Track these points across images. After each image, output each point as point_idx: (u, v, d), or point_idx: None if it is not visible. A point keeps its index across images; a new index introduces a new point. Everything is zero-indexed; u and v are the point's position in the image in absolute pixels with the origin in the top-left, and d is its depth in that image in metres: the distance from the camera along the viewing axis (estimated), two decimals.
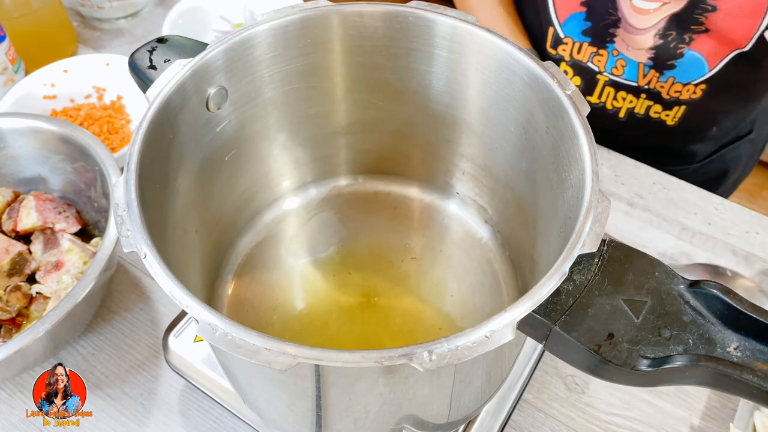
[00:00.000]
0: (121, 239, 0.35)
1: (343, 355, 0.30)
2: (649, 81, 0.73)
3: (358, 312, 0.53)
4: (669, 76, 0.71)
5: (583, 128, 0.38)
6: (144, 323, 0.60)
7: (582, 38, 0.73)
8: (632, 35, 0.69)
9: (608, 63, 0.73)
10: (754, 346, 0.33)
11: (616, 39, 0.71)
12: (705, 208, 0.70)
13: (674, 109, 0.75)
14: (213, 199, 0.51)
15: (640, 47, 0.70)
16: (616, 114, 0.77)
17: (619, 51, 0.72)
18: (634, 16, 0.68)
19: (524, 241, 0.51)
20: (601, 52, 0.73)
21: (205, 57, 0.43)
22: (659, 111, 0.75)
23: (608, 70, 0.74)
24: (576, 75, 0.78)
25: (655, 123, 0.76)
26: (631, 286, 0.34)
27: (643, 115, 0.76)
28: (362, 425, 0.41)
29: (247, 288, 0.54)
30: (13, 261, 0.57)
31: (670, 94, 0.73)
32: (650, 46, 0.69)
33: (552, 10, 0.72)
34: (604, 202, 0.36)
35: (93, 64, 0.79)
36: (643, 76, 0.73)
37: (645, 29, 0.68)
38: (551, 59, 0.77)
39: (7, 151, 0.61)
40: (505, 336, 0.31)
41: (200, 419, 0.54)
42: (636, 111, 0.76)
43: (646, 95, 0.74)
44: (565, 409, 0.55)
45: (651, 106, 0.75)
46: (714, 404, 0.55)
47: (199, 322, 0.31)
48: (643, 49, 0.70)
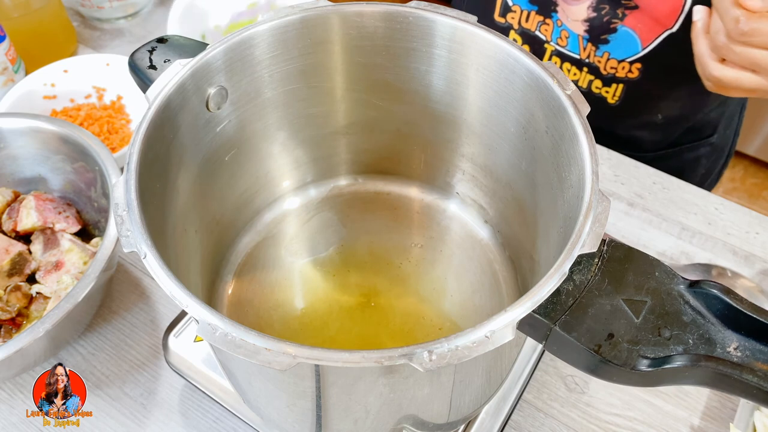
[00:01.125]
0: (121, 239, 0.35)
1: (343, 355, 0.30)
2: (588, 54, 0.74)
3: (358, 312, 0.53)
4: (604, 51, 0.72)
5: (583, 128, 0.38)
6: (144, 323, 0.60)
7: (529, 6, 0.74)
8: (569, 5, 0.71)
9: (554, 33, 0.75)
10: (754, 346, 0.33)
11: (558, 9, 0.73)
12: (705, 208, 0.70)
13: (613, 86, 0.75)
14: (213, 199, 0.51)
15: (576, 18, 0.71)
16: None
17: (562, 21, 0.72)
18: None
19: (524, 241, 0.51)
20: (547, 21, 0.74)
21: (205, 57, 0.43)
22: (600, 87, 0.76)
23: (554, 41, 0.75)
24: (524, 44, 0.79)
25: (597, 99, 0.77)
26: (631, 286, 0.35)
27: (585, 89, 0.77)
28: (362, 425, 0.41)
29: (247, 288, 0.54)
30: (13, 261, 0.57)
31: (606, 69, 0.74)
32: (584, 18, 0.70)
33: None
34: (604, 202, 0.36)
35: (93, 64, 0.79)
36: (583, 48, 0.73)
37: (580, 0, 0.69)
38: (499, 29, 0.77)
39: (7, 151, 0.61)
40: (505, 336, 0.31)
41: (200, 419, 0.54)
42: (580, 84, 0.77)
43: (588, 69, 0.75)
44: (565, 409, 0.55)
45: (592, 81, 0.76)
46: (714, 404, 0.55)
47: (199, 322, 0.31)
48: (579, 21, 0.71)
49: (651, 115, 0.79)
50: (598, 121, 0.78)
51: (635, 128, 0.81)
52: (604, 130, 0.80)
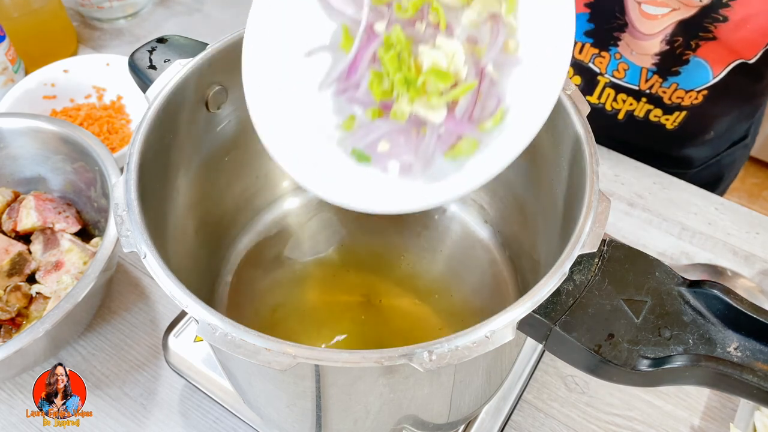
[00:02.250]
0: (121, 239, 0.35)
1: (343, 355, 0.30)
2: (651, 86, 0.72)
3: (358, 312, 0.53)
4: (672, 82, 0.71)
5: (583, 128, 0.38)
6: (144, 323, 0.60)
7: (584, 39, 0.72)
8: (638, 41, 0.69)
9: (610, 65, 0.73)
10: (754, 346, 0.33)
11: (620, 43, 0.71)
12: (705, 208, 0.70)
13: (675, 114, 0.74)
14: (213, 198, 0.51)
15: (645, 53, 0.69)
16: (615, 115, 0.77)
17: (622, 54, 0.71)
18: (642, 21, 0.67)
19: (524, 241, 0.51)
20: (603, 54, 0.72)
21: (205, 57, 0.43)
22: (659, 115, 0.75)
23: (609, 72, 0.74)
24: (576, 74, 0.78)
25: (654, 126, 0.76)
26: (631, 286, 0.34)
27: (642, 118, 0.76)
28: (362, 425, 0.41)
29: (247, 288, 0.54)
30: (13, 261, 0.57)
31: (672, 99, 0.73)
32: (656, 52, 0.69)
33: None
34: (604, 202, 0.36)
35: (93, 64, 0.79)
36: (646, 80, 0.72)
37: (652, 35, 0.68)
38: None
39: (7, 151, 0.61)
40: (505, 336, 0.31)
41: (200, 419, 0.54)
42: (636, 114, 0.76)
43: (647, 99, 0.74)
44: (565, 409, 0.55)
45: (651, 110, 0.75)
46: (714, 404, 0.55)
47: (199, 322, 0.31)
48: (649, 55, 0.70)
49: (705, 134, 0.78)
50: (652, 144, 0.78)
51: (687, 147, 0.80)
52: (655, 151, 0.79)
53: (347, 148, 0.39)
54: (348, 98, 0.40)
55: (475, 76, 0.37)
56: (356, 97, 0.40)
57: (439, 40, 0.38)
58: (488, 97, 0.37)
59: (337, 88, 0.40)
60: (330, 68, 0.41)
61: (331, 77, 0.40)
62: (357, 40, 0.39)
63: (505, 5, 0.37)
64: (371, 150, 0.39)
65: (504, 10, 0.37)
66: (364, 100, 0.39)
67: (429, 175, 0.38)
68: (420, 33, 0.38)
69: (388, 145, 0.38)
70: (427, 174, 0.38)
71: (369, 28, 0.39)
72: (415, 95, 0.37)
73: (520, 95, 0.37)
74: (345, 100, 0.40)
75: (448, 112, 0.37)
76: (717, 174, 0.86)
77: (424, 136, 0.38)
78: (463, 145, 0.37)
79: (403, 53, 0.37)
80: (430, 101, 0.37)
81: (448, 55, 0.37)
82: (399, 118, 0.38)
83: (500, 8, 0.37)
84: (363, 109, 0.40)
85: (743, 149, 0.86)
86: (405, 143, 0.38)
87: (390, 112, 0.38)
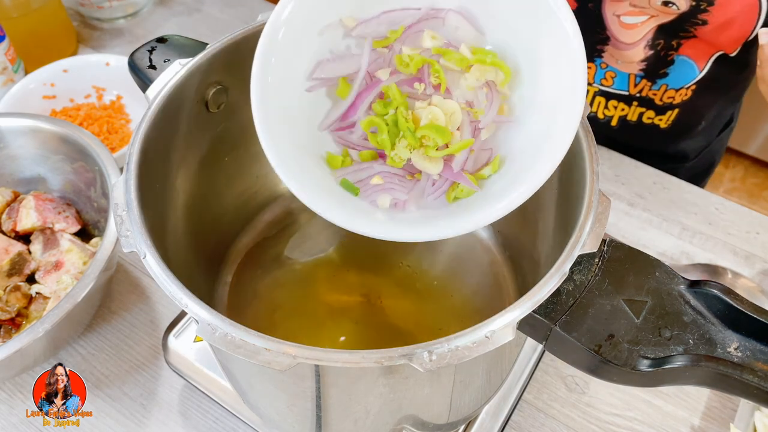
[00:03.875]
0: (121, 239, 0.35)
1: (343, 355, 0.30)
2: (641, 89, 0.73)
3: (358, 312, 0.53)
4: (662, 83, 0.71)
5: (583, 128, 0.38)
6: (144, 323, 0.60)
7: None
8: (622, 51, 0.69)
9: (597, 75, 0.73)
10: (754, 346, 0.33)
11: (605, 54, 0.71)
12: (705, 208, 0.70)
13: (667, 113, 0.75)
14: (213, 198, 0.51)
15: (630, 61, 0.70)
16: (608, 122, 0.77)
17: (608, 64, 0.72)
18: (622, 32, 0.67)
19: (524, 242, 0.51)
20: (588, 65, 0.72)
21: (205, 57, 0.43)
22: (652, 116, 0.75)
23: (597, 82, 0.74)
24: None
25: (648, 128, 0.77)
26: (631, 286, 0.34)
27: (635, 121, 0.76)
28: (362, 425, 0.41)
29: (247, 288, 0.54)
30: (12, 261, 0.57)
31: (663, 100, 0.73)
32: (641, 59, 0.69)
33: None
34: (604, 202, 0.36)
35: (93, 64, 0.79)
36: (635, 85, 0.73)
37: (634, 43, 0.68)
38: None
39: (7, 151, 0.61)
40: (505, 336, 0.31)
41: (200, 419, 0.54)
42: (628, 119, 0.76)
43: (638, 103, 0.74)
44: (566, 409, 0.55)
45: (644, 113, 0.75)
46: (714, 404, 0.55)
47: (199, 322, 0.31)
48: (634, 62, 0.70)
49: (697, 126, 0.79)
50: (647, 144, 0.78)
51: (682, 142, 0.81)
52: (651, 150, 0.80)
53: (338, 178, 0.41)
54: (343, 140, 0.42)
55: (470, 133, 0.40)
56: (351, 141, 0.42)
57: (436, 99, 0.40)
58: (480, 152, 0.40)
59: (335, 127, 0.42)
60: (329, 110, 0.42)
61: (330, 119, 0.42)
62: (356, 85, 0.41)
63: (501, 76, 0.40)
64: (362, 183, 0.41)
65: (499, 81, 0.40)
66: (359, 143, 0.42)
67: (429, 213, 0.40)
68: (418, 93, 0.41)
69: (382, 180, 0.41)
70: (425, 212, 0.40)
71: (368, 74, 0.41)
72: (414, 144, 0.39)
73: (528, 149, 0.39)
74: (339, 139, 0.42)
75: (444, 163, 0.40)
76: (710, 161, 0.87)
77: (417, 180, 0.41)
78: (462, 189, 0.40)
79: (401, 108, 0.40)
80: (428, 154, 0.40)
81: (447, 113, 0.40)
82: (396, 164, 0.40)
83: (495, 77, 0.40)
84: (357, 151, 0.42)
85: (729, 132, 0.88)
86: (399, 183, 0.41)
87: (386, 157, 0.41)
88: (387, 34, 0.41)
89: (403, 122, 0.39)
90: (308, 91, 0.41)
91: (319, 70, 0.41)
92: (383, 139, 0.40)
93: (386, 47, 0.42)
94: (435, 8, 0.41)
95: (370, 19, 0.41)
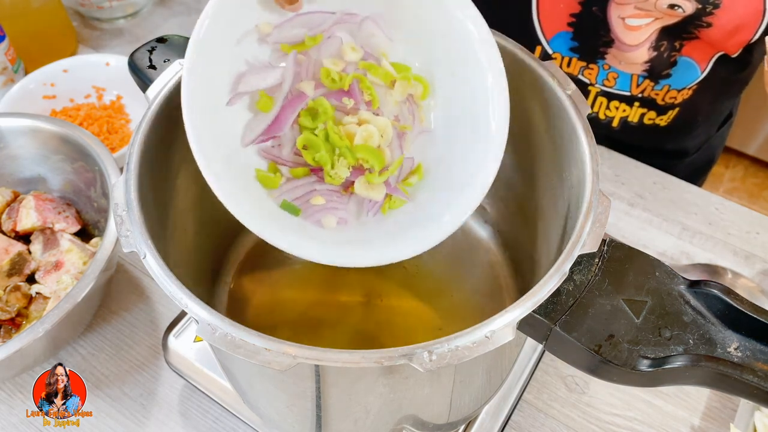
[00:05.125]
0: (121, 239, 0.35)
1: (343, 355, 0.30)
2: (643, 90, 0.73)
3: (358, 312, 0.52)
4: (664, 84, 0.72)
5: (583, 128, 0.38)
6: (144, 323, 0.60)
7: (570, 54, 0.73)
8: (625, 53, 0.70)
9: (599, 76, 0.74)
10: (754, 346, 0.33)
11: (608, 56, 0.71)
12: (705, 208, 0.70)
13: (668, 113, 0.75)
14: (213, 198, 0.51)
15: (634, 62, 0.70)
16: (609, 123, 0.78)
17: (611, 65, 0.72)
18: (627, 35, 0.68)
19: (524, 242, 0.51)
20: (591, 66, 0.73)
21: None
22: (653, 117, 0.76)
23: (599, 82, 0.74)
24: None
25: (648, 128, 0.77)
26: (631, 286, 0.34)
27: (636, 123, 0.77)
28: (362, 425, 0.41)
29: (247, 288, 0.54)
30: (12, 261, 0.57)
31: (665, 100, 0.73)
32: (645, 60, 0.70)
33: (538, 28, 0.72)
34: (604, 202, 0.36)
35: (93, 64, 0.79)
36: (637, 85, 0.73)
37: (638, 45, 0.68)
38: None
39: (7, 151, 0.61)
40: (505, 336, 0.31)
41: (200, 419, 0.54)
42: (630, 120, 0.77)
43: (640, 103, 0.75)
44: (566, 409, 0.55)
45: (645, 114, 0.76)
46: (714, 404, 0.55)
47: (199, 322, 0.31)
48: (638, 64, 0.70)
49: (697, 123, 0.79)
50: (649, 143, 0.78)
51: (682, 139, 0.81)
52: (654, 149, 0.80)
53: (278, 200, 0.41)
54: (270, 154, 0.42)
55: (399, 149, 0.42)
56: (280, 156, 0.42)
57: (365, 115, 0.41)
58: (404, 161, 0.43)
59: (260, 145, 0.42)
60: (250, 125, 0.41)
61: (254, 133, 0.41)
62: (281, 98, 0.41)
63: (419, 89, 0.42)
64: (301, 201, 0.41)
65: (418, 94, 0.42)
66: (288, 159, 0.42)
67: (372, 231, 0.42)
68: (347, 107, 0.42)
69: (324, 200, 0.41)
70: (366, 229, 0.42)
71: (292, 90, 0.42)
72: (352, 162, 0.41)
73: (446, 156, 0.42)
74: (267, 156, 0.42)
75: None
76: (710, 156, 0.87)
77: (352, 193, 0.42)
78: (395, 200, 0.42)
79: (329, 123, 0.40)
80: (371, 182, 0.41)
81: (380, 130, 0.41)
82: (335, 182, 0.41)
83: (416, 91, 0.42)
84: (288, 168, 0.42)
85: (728, 126, 0.88)
86: (338, 200, 0.42)
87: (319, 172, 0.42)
88: (304, 38, 0.41)
89: (337, 139, 0.40)
90: (229, 105, 0.40)
91: (242, 84, 0.40)
92: (322, 156, 0.40)
93: (302, 53, 0.41)
94: (349, 13, 0.41)
95: (284, 22, 0.41)
